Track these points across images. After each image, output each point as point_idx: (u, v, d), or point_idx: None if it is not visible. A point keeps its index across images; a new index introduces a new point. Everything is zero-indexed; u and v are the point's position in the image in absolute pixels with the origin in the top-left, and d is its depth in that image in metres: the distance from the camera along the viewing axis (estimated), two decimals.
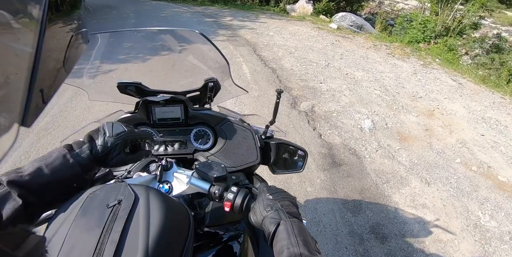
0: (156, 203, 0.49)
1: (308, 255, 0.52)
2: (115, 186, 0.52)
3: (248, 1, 12.01)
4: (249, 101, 3.72)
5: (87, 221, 0.45)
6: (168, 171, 0.78)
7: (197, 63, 1.06)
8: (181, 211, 0.54)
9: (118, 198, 0.48)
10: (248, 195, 0.68)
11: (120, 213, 0.46)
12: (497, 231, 2.26)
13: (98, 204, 0.47)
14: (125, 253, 0.41)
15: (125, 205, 0.47)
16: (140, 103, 0.88)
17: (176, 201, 0.55)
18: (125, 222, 0.44)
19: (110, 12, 9.74)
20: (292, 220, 0.59)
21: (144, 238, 0.43)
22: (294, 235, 0.55)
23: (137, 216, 0.46)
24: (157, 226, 0.45)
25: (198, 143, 0.97)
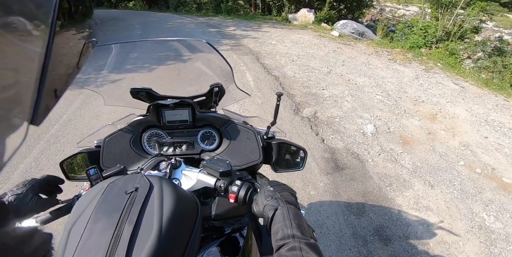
0: (168, 191, 0.55)
1: (300, 236, 0.57)
2: (132, 176, 0.59)
3: (250, 11, 12.29)
4: (253, 108, 3.80)
5: (108, 205, 0.52)
6: (177, 169, 0.84)
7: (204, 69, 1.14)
8: (191, 200, 0.60)
9: (135, 186, 0.55)
10: (251, 188, 0.75)
11: (137, 198, 0.52)
12: (502, 233, 2.25)
13: (117, 191, 0.54)
14: (141, 232, 0.48)
15: (141, 192, 0.54)
16: (151, 106, 0.95)
17: (186, 191, 0.62)
18: (141, 206, 0.51)
19: (116, 24, 10.05)
20: (289, 206, 0.64)
21: (158, 220, 0.50)
22: (289, 219, 0.60)
23: (152, 201, 0.53)
24: (170, 210, 0.52)
25: (204, 144, 1.04)
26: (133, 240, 0.47)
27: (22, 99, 0.27)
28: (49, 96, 0.31)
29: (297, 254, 0.53)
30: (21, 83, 0.27)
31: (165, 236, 0.48)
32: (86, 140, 1.02)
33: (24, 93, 0.27)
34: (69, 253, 0.47)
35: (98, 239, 0.47)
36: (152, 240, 0.47)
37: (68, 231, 0.50)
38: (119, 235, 0.47)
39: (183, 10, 14.04)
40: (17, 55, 0.27)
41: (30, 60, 0.28)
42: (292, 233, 0.57)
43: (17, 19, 0.26)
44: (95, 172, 0.73)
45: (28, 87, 0.27)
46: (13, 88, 0.26)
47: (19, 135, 0.26)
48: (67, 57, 0.39)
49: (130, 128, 0.98)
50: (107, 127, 1.06)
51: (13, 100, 0.26)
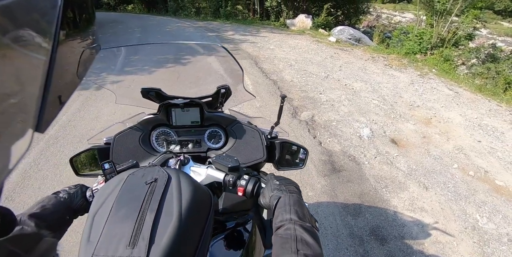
0: (185, 182, 0.60)
1: (297, 220, 0.61)
2: (151, 169, 0.64)
3: (249, 16, 12.43)
4: (251, 111, 3.85)
5: (130, 194, 0.56)
6: (185, 165, 0.89)
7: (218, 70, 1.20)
8: (205, 191, 0.65)
9: (154, 177, 0.60)
10: (258, 182, 0.80)
11: (157, 188, 0.57)
12: (495, 233, 2.31)
13: (137, 182, 0.59)
14: (163, 218, 0.53)
15: (161, 183, 0.58)
16: (162, 105, 1.00)
17: (200, 184, 0.67)
18: (161, 195, 0.56)
19: (116, 27, 10.11)
20: (291, 195, 0.69)
21: (178, 208, 0.54)
22: (289, 205, 0.65)
23: (171, 191, 0.57)
24: (188, 199, 0.56)
25: (211, 142, 1.09)
26: (155, 226, 0.51)
27: (27, 106, 0.27)
28: (53, 103, 0.31)
29: (291, 233, 0.57)
30: (25, 90, 0.27)
31: (184, 223, 0.53)
32: (96, 137, 1.07)
33: (29, 100, 0.27)
34: (94, 239, 0.51)
35: (122, 226, 0.52)
36: (173, 226, 0.52)
37: (92, 217, 0.54)
38: (142, 221, 0.51)
39: (182, 14, 14.15)
40: (23, 64, 0.27)
41: (35, 69, 0.28)
42: (290, 217, 0.62)
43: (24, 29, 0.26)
44: (109, 167, 0.77)
45: (33, 95, 0.27)
46: (18, 96, 0.26)
47: (24, 142, 0.26)
48: (73, 66, 0.40)
49: (139, 126, 1.03)
50: (117, 125, 1.11)
51: (18, 107, 0.26)
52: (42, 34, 0.29)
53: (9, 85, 0.25)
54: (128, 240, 0.49)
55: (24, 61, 0.27)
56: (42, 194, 2.33)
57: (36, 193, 2.34)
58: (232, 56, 1.01)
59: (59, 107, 0.34)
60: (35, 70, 0.28)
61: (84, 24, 0.46)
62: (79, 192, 0.79)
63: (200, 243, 0.56)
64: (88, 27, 0.49)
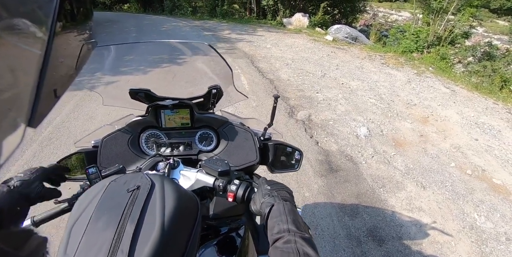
0: (170, 189, 0.57)
1: (296, 230, 0.58)
2: (134, 175, 0.60)
3: (245, 15, 12.38)
4: (247, 110, 3.82)
5: (110, 203, 0.53)
6: (175, 169, 0.86)
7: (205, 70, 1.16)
8: (191, 198, 0.62)
9: (137, 184, 0.56)
10: (249, 187, 0.76)
11: (139, 196, 0.54)
12: (493, 232, 2.30)
13: (119, 189, 0.55)
14: (144, 228, 0.49)
15: (143, 190, 0.55)
16: (150, 107, 0.97)
17: (186, 190, 0.63)
18: (143, 204, 0.52)
19: (111, 26, 10.02)
20: (285, 203, 0.66)
21: (160, 217, 0.51)
22: (285, 214, 0.62)
23: (154, 199, 0.54)
24: (171, 207, 0.53)
25: (202, 144, 1.06)
26: (136, 237, 0.48)
27: (20, 101, 0.27)
28: (48, 97, 0.31)
29: (292, 247, 0.54)
30: (19, 85, 0.27)
31: (167, 233, 0.50)
32: (84, 140, 1.03)
33: (22, 95, 0.27)
34: (71, 249, 0.48)
35: (101, 236, 0.48)
36: (155, 237, 0.48)
37: (70, 228, 0.51)
38: (122, 232, 0.48)
39: (178, 13, 14.07)
40: (17, 56, 0.27)
41: (29, 62, 0.28)
42: (288, 227, 0.59)
43: (19, 20, 0.26)
44: (94, 171, 0.73)
45: (27, 89, 0.27)
46: (11, 90, 0.26)
47: (16, 137, 0.25)
48: (69, 59, 0.39)
49: (128, 129, 0.99)
50: (105, 127, 1.07)
51: (11, 102, 0.26)
52: (38, 25, 0.28)
53: (2, 79, 0.25)
54: (107, 253, 0.46)
55: (18, 54, 0.27)
56: None
57: None
58: (220, 55, 0.98)
59: (54, 101, 0.33)
60: (29, 63, 0.28)
61: (82, 17, 0.46)
62: (34, 176, 0.70)
63: (186, 252, 0.53)
64: (85, 21, 0.48)
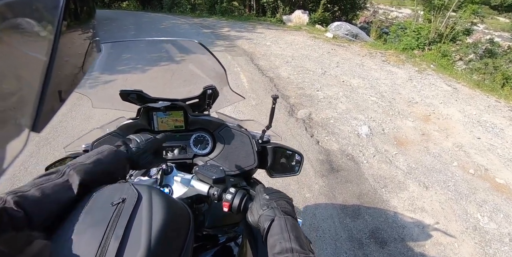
0: (158, 202, 0.52)
1: (300, 250, 0.53)
2: (119, 186, 0.55)
3: (245, 12, 12.27)
4: (247, 109, 3.77)
5: (92, 218, 0.48)
6: (169, 175, 0.81)
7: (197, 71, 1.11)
8: (182, 210, 0.57)
9: (122, 196, 0.51)
10: (246, 196, 0.71)
11: (124, 210, 0.49)
12: (496, 233, 2.26)
13: (103, 202, 0.50)
14: (128, 248, 0.44)
15: (129, 203, 0.50)
16: (141, 109, 0.92)
17: (177, 201, 0.58)
18: (128, 219, 0.47)
19: (110, 24, 9.93)
20: (286, 217, 0.61)
21: (147, 234, 0.46)
22: (287, 231, 0.57)
23: (140, 213, 0.49)
24: (159, 223, 0.48)
25: (197, 148, 1.01)
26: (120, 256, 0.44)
27: (25, 105, 0.27)
28: (53, 101, 0.31)
29: None
30: (24, 89, 0.27)
31: (154, 251, 0.45)
32: (74, 144, 0.99)
33: (27, 99, 0.27)
34: None
35: (81, 254, 0.44)
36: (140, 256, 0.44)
37: None
38: (104, 251, 0.43)
39: (177, 10, 13.94)
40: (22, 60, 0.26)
41: (34, 66, 0.28)
42: (291, 247, 0.54)
43: (25, 21, 0.26)
44: None
45: (31, 93, 0.27)
46: (16, 95, 0.26)
47: (20, 141, 0.25)
48: (74, 58, 0.39)
49: (119, 132, 0.94)
50: (96, 131, 1.02)
51: (15, 106, 0.26)
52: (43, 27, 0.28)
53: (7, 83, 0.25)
54: None
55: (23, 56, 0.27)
56: None
57: None
58: (211, 54, 0.93)
59: (58, 105, 0.33)
60: (34, 68, 0.28)
61: (85, 16, 0.46)
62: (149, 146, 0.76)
63: None
64: (89, 20, 0.48)
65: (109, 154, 0.67)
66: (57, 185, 0.54)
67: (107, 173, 0.64)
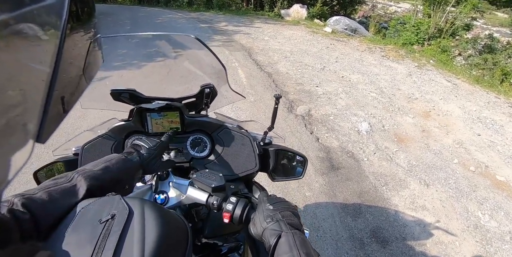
0: (151, 217, 0.47)
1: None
2: (108, 199, 0.50)
3: (242, 6, 12.11)
4: (245, 106, 3.71)
5: (79, 238, 0.43)
6: (164, 180, 0.76)
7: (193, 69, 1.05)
8: (179, 224, 0.52)
9: (112, 212, 0.46)
10: (248, 206, 0.66)
11: (113, 228, 0.44)
12: (497, 231, 2.25)
13: (90, 219, 0.45)
14: None
15: (119, 220, 0.45)
16: (134, 110, 0.86)
17: (173, 214, 0.53)
18: (118, 239, 0.42)
19: (105, 19, 9.76)
20: (294, 232, 0.57)
21: (139, 254, 0.41)
22: (296, 248, 0.53)
23: (132, 231, 0.44)
24: (153, 242, 0.43)
25: (195, 151, 0.95)
26: None
27: (29, 115, 0.27)
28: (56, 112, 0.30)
29: None
30: (28, 99, 0.27)
31: None
32: (63, 147, 0.93)
33: (31, 111, 0.27)
34: None
35: None
36: None
37: None
38: None
39: (174, 5, 13.73)
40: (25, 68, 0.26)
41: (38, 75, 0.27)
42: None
43: (27, 26, 0.25)
44: None
45: (35, 105, 0.27)
46: (20, 107, 0.26)
47: (24, 153, 0.25)
48: (77, 59, 0.38)
49: (111, 134, 0.89)
50: (86, 133, 0.96)
51: (19, 117, 0.26)
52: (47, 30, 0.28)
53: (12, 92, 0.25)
54: None
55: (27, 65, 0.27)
56: None
57: None
58: (210, 51, 0.87)
59: (62, 116, 0.33)
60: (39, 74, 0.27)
61: (86, 17, 0.46)
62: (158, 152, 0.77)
63: None
64: (90, 19, 0.49)
65: (117, 162, 0.67)
66: (64, 189, 0.54)
67: (115, 181, 0.64)
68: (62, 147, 0.93)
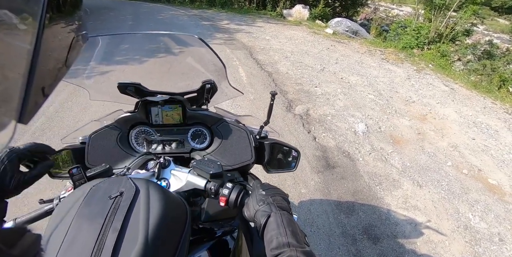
0: (155, 196, 0.51)
1: (296, 244, 0.55)
2: (117, 179, 0.55)
3: (245, 5, 12.13)
4: (245, 103, 3.75)
5: (90, 211, 0.48)
6: (166, 168, 0.81)
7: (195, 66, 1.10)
8: (179, 204, 0.57)
9: (120, 190, 0.51)
10: (243, 191, 0.72)
11: (121, 203, 0.48)
12: (486, 233, 2.30)
13: (100, 196, 0.50)
14: (126, 241, 0.44)
15: (127, 197, 0.50)
16: (139, 103, 0.90)
17: (174, 195, 0.58)
18: (126, 212, 0.47)
19: (107, 14, 9.76)
20: (282, 212, 0.62)
21: (144, 227, 0.46)
22: (283, 226, 0.58)
23: (138, 207, 0.49)
24: (157, 216, 0.48)
25: (195, 142, 1.00)
26: (117, 249, 0.43)
27: (10, 96, 0.26)
28: (37, 94, 0.30)
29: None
30: (8, 80, 0.27)
31: (151, 244, 0.45)
32: (71, 136, 0.97)
33: (12, 90, 0.27)
34: None
35: (79, 247, 0.43)
36: (138, 249, 0.43)
37: (48, 237, 0.46)
38: (102, 243, 0.43)
39: (176, 1, 13.73)
40: (4, 51, 0.26)
41: (17, 56, 0.27)
42: (288, 242, 0.55)
43: (3, 12, 0.25)
44: (78, 172, 0.68)
45: (16, 85, 0.27)
46: (0, 86, 0.26)
47: (6, 133, 0.25)
48: (56, 52, 0.38)
49: (117, 125, 0.93)
50: (93, 123, 1.01)
51: (0, 98, 0.26)
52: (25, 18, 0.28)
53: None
54: None
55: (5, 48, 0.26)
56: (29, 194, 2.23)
57: None
58: (211, 50, 0.91)
59: (43, 98, 0.32)
60: (17, 58, 0.27)
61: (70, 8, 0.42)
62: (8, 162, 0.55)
63: None
64: (74, 11, 0.46)
65: None
66: None
67: None
68: (70, 135, 0.98)
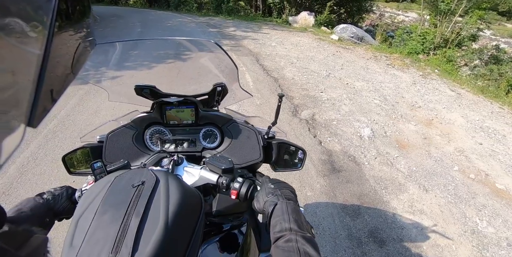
0: (174, 185, 0.57)
1: (297, 230, 0.58)
2: (139, 170, 0.60)
3: (251, 12, 12.34)
4: (251, 109, 3.81)
5: (115, 198, 0.53)
6: (179, 166, 0.86)
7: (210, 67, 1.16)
8: (195, 195, 0.62)
9: (142, 180, 0.56)
10: (252, 185, 0.76)
11: (143, 192, 0.54)
12: (494, 237, 2.29)
13: (124, 185, 0.55)
14: (148, 224, 0.49)
15: (148, 186, 0.55)
16: (155, 103, 0.97)
17: (190, 186, 0.63)
18: (148, 199, 0.52)
19: (116, 21, 10.02)
20: (288, 202, 0.66)
21: (164, 212, 0.51)
22: (287, 213, 0.62)
23: (158, 194, 0.54)
24: (175, 203, 0.53)
25: (206, 141, 1.06)
26: (140, 232, 0.48)
27: (20, 101, 0.27)
28: (46, 99, 0.31)
29: (293, 246, 0.54)
30: (18, 85, 0.27)
31: (171, 228, 0.50)
32: (89, 135, 1.03)
33: (22, 95, 0.27)
34: (76, 243, 0.48)
35: (105, 231, 0.48)
36: (159, 232, 0.48)
37: (76, 221, 0.51)
38: (126, 226, 0.48)
39: (184, 9, 14.04)
40: (15, 57, 0.27)
41: (27, 62, 0.28)
42: (289, 226, 0.59)
43: (14, 20, 0.26)
44: (99, 166, 0.74)
45: (26, 89, 0.27)
46: (11, 90, 0.26)
47: (16, 137, 0.25)
48: (64, 58, 0.39)
49: (133, 125, 0.99)
50: (110, 123, 1.07)
51: (10, 102, 0.26)
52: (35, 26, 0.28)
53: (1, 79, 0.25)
54: (111, 247, 0.46)
55: (16, 54, 0.27)
56: (39, 190, 2.30)
57: (33, 188, 2.31)
58: (225, 53, 0.97)
59: (51, 103, 0.33)
60: (27, 64, 0.28)
61: (78, 16, 0.46)
62: (64, 194, 0.77)
63: (188, 249, 0.53)
64: (83, 19, 0.48)
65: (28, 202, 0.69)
66: None
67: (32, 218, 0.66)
68: (89, 135, 1.04)
